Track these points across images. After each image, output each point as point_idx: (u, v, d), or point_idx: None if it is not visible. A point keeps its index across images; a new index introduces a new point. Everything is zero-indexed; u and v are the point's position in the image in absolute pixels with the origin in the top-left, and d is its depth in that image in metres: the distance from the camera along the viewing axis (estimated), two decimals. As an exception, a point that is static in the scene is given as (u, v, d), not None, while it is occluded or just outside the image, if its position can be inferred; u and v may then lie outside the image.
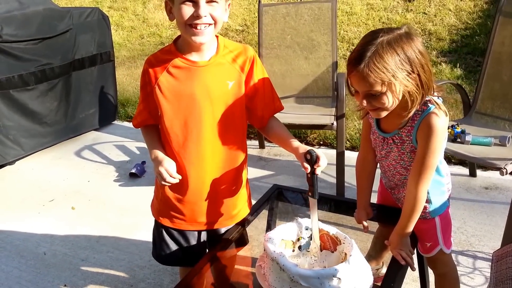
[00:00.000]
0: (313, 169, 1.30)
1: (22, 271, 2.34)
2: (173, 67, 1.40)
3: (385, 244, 1.46)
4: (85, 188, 3.16)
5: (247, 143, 1.59)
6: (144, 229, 2.50)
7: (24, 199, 3.05)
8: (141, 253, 2.40)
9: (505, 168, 2.09)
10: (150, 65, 1.43)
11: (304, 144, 1.49)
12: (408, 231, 1.40)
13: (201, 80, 1.39)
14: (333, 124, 2.68)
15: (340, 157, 2.72)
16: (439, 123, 1.31)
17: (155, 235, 1.64)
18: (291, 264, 1.21)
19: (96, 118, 4.10)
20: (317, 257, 1.38)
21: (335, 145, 2.85)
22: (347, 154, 2.85)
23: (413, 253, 1.42)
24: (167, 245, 1.60)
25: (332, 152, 2.86)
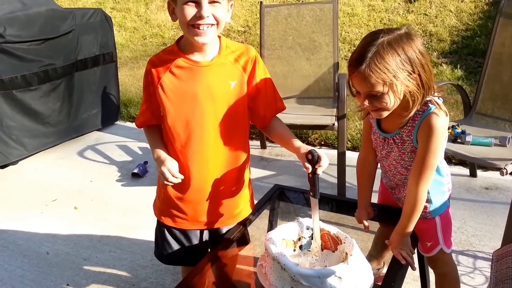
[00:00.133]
0: (315, 169, 1.30)
1: (25, 270, 2.35)
2: (176, 67, 1.41)
3: (386, 243, 1.47)
4: (88, 188, 3.17)
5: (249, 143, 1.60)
6: (146, 229, 2.50)
7: (27, 199, 3.06)
8: (143, 253, 2.41)
9: (505, 168, 2.09)
10: (152, 65, 1.44)
11: (305, 144, 1.50)
12: (408, 231, 1.41)
13: (203, 80, 1.40)
14: (334, 124, 2.68)
15: (341, 157, 2.73)
16: (440, 123, 1.31)
17: (157, 235, 1.65)
18: (292, 263, 1.21)
19: (98, 118, 4.11)
20: (318, 256, 1.39)
21: (336, 145, 2.86)
22: (348, 154, 2.87)
23: (413, 253, 1.43)
24: (169, 244, 1.60)
25: (333, 152, 2.87)
